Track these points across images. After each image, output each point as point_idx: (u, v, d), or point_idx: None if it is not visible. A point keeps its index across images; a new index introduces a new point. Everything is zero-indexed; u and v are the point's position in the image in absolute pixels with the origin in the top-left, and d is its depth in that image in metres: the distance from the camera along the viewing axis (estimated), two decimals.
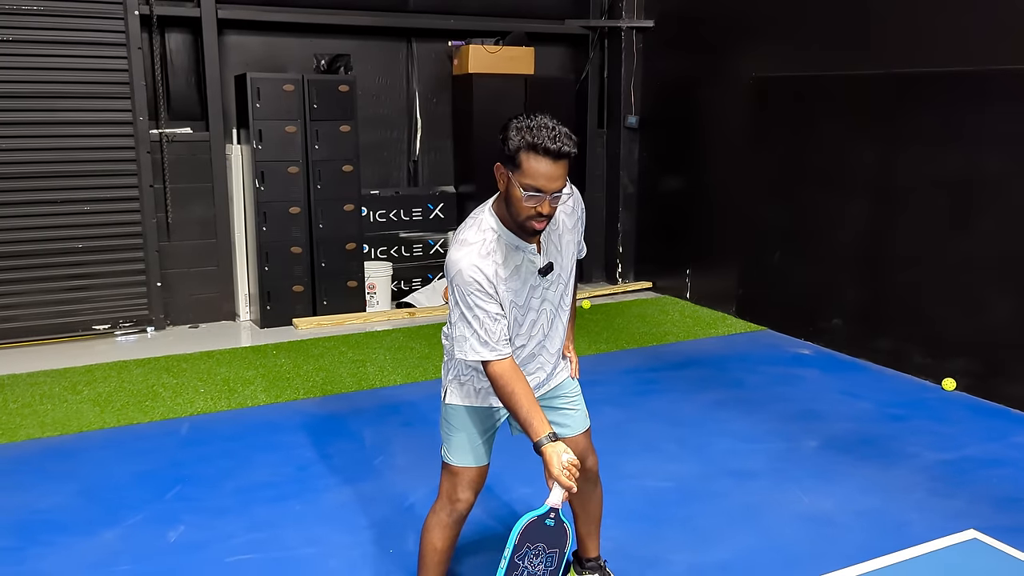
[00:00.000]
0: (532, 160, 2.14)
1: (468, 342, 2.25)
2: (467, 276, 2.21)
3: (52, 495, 3.57)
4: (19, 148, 5.54)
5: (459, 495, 2.48)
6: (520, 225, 2.23)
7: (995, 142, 4.60)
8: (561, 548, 2.24)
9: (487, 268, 2.22)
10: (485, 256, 2.23)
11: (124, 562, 3.05)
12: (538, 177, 2.14)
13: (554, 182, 2.15)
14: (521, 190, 2.16)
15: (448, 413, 2.49)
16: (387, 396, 4.81)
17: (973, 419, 4.46)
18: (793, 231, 5.96)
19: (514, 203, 2.20)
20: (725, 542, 3.21)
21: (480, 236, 2.26)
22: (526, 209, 2.18)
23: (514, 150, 2.16)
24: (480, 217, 2.31)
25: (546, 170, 2.14)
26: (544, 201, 2.17)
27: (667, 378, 5.11)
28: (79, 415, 4.46)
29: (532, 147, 2.13)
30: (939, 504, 3.50)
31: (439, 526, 2.51)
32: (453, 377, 2.47)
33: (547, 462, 2.17)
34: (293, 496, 3.56)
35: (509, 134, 2.18)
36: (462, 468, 2.47)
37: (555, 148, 2.12)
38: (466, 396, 2.46)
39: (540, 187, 2.15)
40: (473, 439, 2.47)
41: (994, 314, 4.67)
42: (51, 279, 5.75)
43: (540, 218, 2.20)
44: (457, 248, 2.26)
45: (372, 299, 6.63)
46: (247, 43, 6.48)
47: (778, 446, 4.09)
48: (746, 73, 6.23)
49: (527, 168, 2.15)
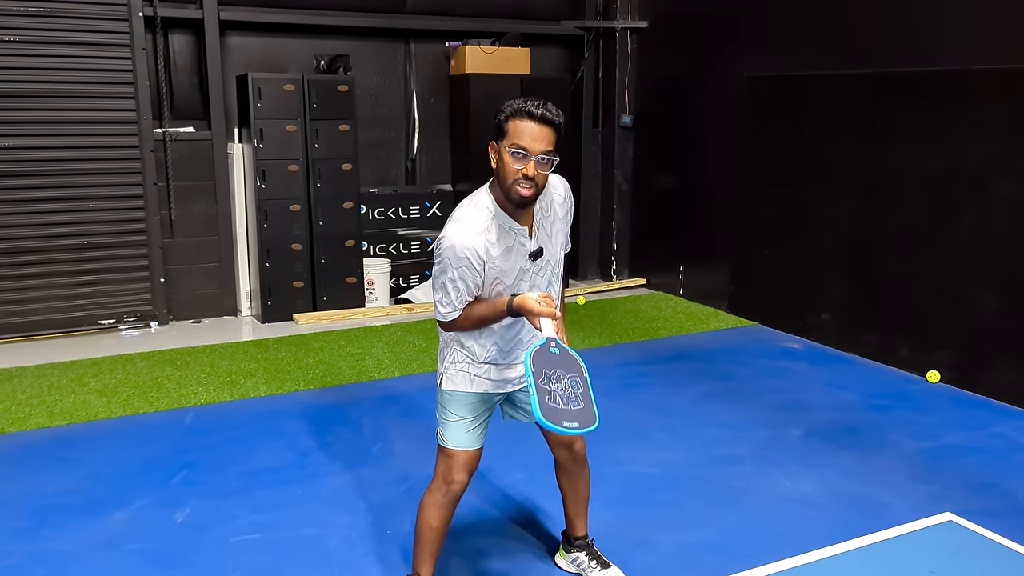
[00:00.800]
0: (518, 122, 2.32)
1: (444, 306, 2.42)
2: (459, 252, 2.34)
3: (62, 480, 3.70)
4: (26, 147, 5.67)
5: (454, 476, 2.59)
6: (507, 192, 2.35)
7: (978, 139, 4.74)
8: (580, 372, 2.31)
9: (479, 245, 2.36)
10: (478, 234, 2.36)
11: (133, 542, 3.18)
12: (523, 136, 2.30)
13: (538, 143, 2.30)
14: (508, 152, 2.31)
15: (444, 399, 2.60)
16: (385, 387, 4.94)
17: (955, 410, 4.59)
18: (784, 228, 6.09)
19: (503, 170, 2.35)
20: (709, 523, 3.34)
21: (475, 214, 2.40)
22: (513, 172, 2.32)
23: (503, 119, 2.35)
24: (477, 198, 2.45)
25: (530, 131, 2.30)
26: (529, 162, 2.31)
27: (658, 371, 5.24)
28: (86, 405, 4.59)
29: (517, 112, 2.33)
30: (917, 489, 3.63)
31: (434, 505, 2.63)
32: (449, 364, 2.58)
33: (526, 307, 2.32)
34: (294, 480, 3.69)
35: (500, 110, 2.38)
36: (457, 451, 2.58)
37: (539, 113, 2.30)
38: (461, 383, 2.57)
39: (525, 146, 2.30)
40: (468, 423, 2.58)
41: (978, 308, 4.80)
42: (57, 275, 5.88)
43: (527, 182, 2.32)
44: (452, 224, 2.39)
45: (371, 295, 6.75)
46: (248, 44, 6.61)
47: (763, 434, 4.22)
48: (738, 73, 6.36)
49: (513, 130, 2.32)
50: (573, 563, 2.96)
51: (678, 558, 3.08)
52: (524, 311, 2.34)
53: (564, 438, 2.77)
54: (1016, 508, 3.46)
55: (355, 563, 3.04)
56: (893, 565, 3.05)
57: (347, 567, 3.01)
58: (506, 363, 2.59)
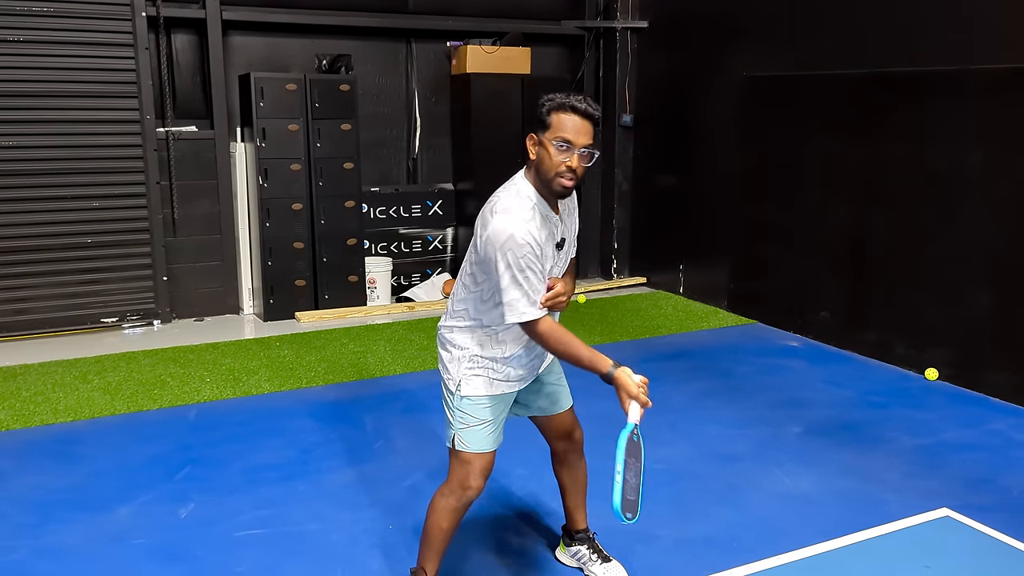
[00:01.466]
0: (562, 116, 2.36)
1: (519, 304, 2.34)
2: (520, 240, 2.32)
3: (67, 476, 3.74)
4: (30, 146, 5.71)
5: (471, 483, 2.56)
6: (549, 183, 2.38)
7: (976, 139, 4.76)
8: (641, 460, 2.38)
9: (533, 231, 2.36)
10: (529, 221, 2.37)
11: (138, 536, 3.21)
12: (567, 130, 2.34)
13: (581, 136, 2.35)
14: (552, 144, 2.34)
15: (465, 405, 2.53)
16: (387, 385, 4.97)
17: (952, 407, 4.62)
18: (783, 227, 6.12)
19: (545, 161, 2.37)
20: (709, 519, 3.37)
21: (519, 203, 2.40)
22: (557, 164, 2.35)
23: (546, 112, 2.38)
24: (515, 187, 2.45)
25: (574, 124, 2.35)
26: (574, 155, 2.35)
27: (659, 368, 5.27)
28: (90, 402, 4.63)
29: (562, 106, 2.36)
30: (914, 485, 3.66)
31: (447, 510, 2.59)
32: (468, 369, 2.53)
33: (623, 386, 2.34)
34: (297, 477, 3.72)
35: (540, 103, 2.40)
36: (476, 455, 2.54)
37: (583, 107, 2.36)
38: (482, 387, 2.53)
39: (569, 139, 2.34)
40: (490, 426, 2.56)
41: (975, 306, 4.83)
42: (61, 273, 5.91)
43: (569, 174, 2.36)
44: (502, 216, 2.37)
45: (372, 293, 6.79)
46: (251, 44, 6.64)
47: (763, 431, 4.26)
48: (737, 73, 6.39)
49: (557, 123, 2.35)
50: (574, 557, 2.99)
51: (678, 552, 3.12)
52: (620, 387, 2.35)
53: (564, 427, 2.80)
54: (1012, 504, 3.49)
55: (357, 558, 3.07)
56: (890, 560, 3.08)
57: (349, 562, 3.04)
58: (525, 364, 2.58)
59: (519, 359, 2.56)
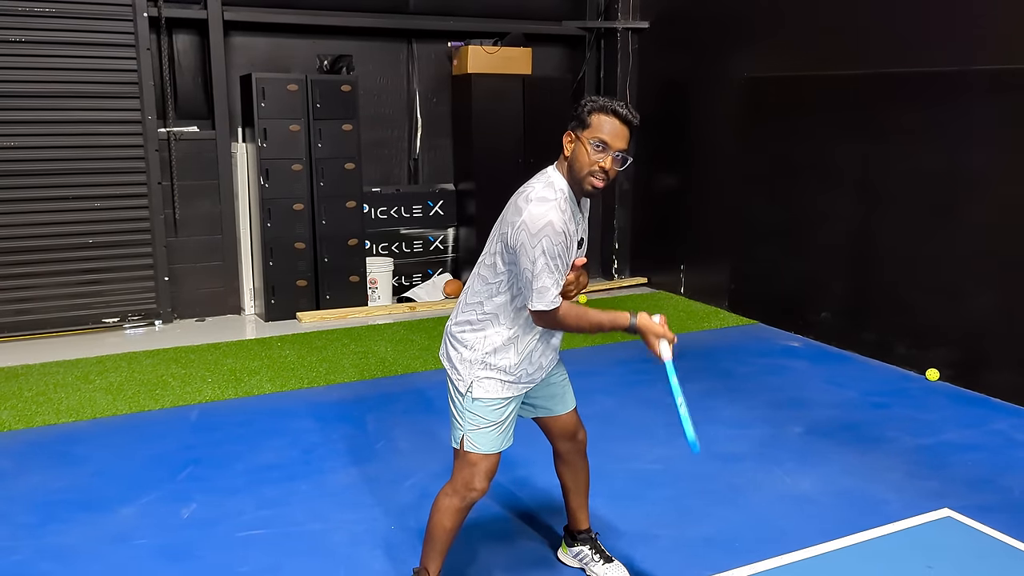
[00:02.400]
0: (603, 117, 2.41)
1: (550, 291, 2.38)
2: (558, 227, 2.36)
3: (69, 476, 3.74)
4: (31, 147, 5.71)
5: (476, 484, 2.56)
6: (580, 181, 2.43)
7: (976, 139, 4.77)
8: None
9: (565, 223, 2.40)
10: (563, 211, 2.41)
11: (140, 536, 3.22)
12: (606, 132, 2.39)
13: (618, 140, 2.40)
14: (589, 143, 2.38)
15: (477, 407, 2.53)
16: (388, 385, 4.97)
17: (953, 407, 4.62)
18: (784, 227, 6.12)
19: (579, 159, 2.41)
20: (710, 519, 3.37)
21: (555, 194, 2.43)
22: (591, 163, 2.40)
23: (587, 113, 2.43)
24: (548, 179, 2.48)
25: (613, 127, 2.40)
26: (608, 156, 2.39)
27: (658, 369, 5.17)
28: (92, 403, 4.63)
29: (603, 109, 2.42)
30: (915, 485, 3.66)
31: (451, 510, 2.59)
32: (481, 371, 2.52)
33: (648, 329, 2.44)
34: (300, 477, 3.73)
35: (583, 103, 2.46)
36: (483, 457, 2.54)
37: (623, 113, 2.41)
38: (494, 389, 2.53)
39: (607, 140, 2.39)
40: (501, 427, 2.56)
41: (976, 306, 4.83)
42: (62, 274, 5.92)
43: (601, 174, 2.40)
44: (538, 204, 2.39)
45: (374, 294, 6.79)
46: (252, 44, 6.65)
47: (764, 432, 4.26)
48: (739, 73, 6.39)
49: (596, 124, 2.40)
50: (576, 557, 3.00)
51: (679, 553, 3.12)
52: (646, 332, 2.43)
53: (567, 428, 2.81)
54: (1013, 504, 3.49)
55: (359, 558, 3.07)
56: (891, 560, 3.08)
57: (351, 562, 3.05)
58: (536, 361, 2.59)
59: (530, 357, 2.56)
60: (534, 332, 2.54)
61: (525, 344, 2.54)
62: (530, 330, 2.53)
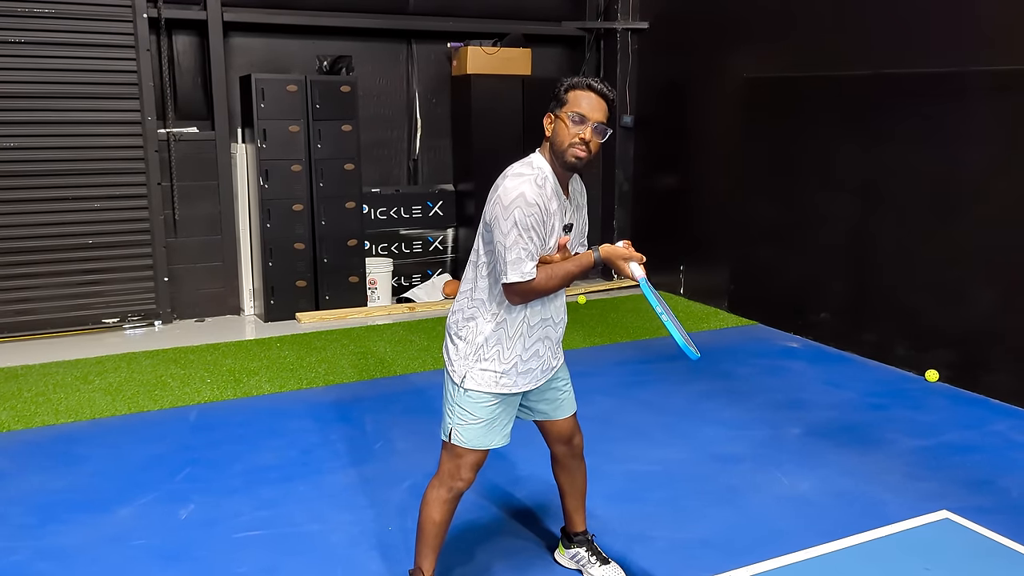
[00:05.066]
0: (578, 92, 2.48)
1: (522, 263, 2.41)
2: (530, 198, 2.40)
3: (68, 476, 3.74)
4: (31, 147, 5.72)
5: (461, 475, 2.59)
6: (563, 154, 2.47)
7: (977, 140, 4.76)
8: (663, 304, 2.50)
9: (542, 197, 2.44)
10: (540, 187, 2.45)
11: (138, 537, 3.22)
12: (582, 105, 2.46)
13: (596, 112, 2.46)
14: (568, 118, 2.45)
15: (467, 401, 2.55)
16: (387, 386, 4.97)
17: (952, 408, 4.62)
18: (783, 228, 6.12)
19: (559, 134, 2.47)
20: (708, 520, 3.37)
21: (533, 171, 2.48)
22: (571, 135, 2.45)
23: (564, 91, 2.50)
24: (530, 160, 2.54)
25: (589, 100, 2.47)
26: (587, 127, 2.44)
27: (658, 370, 5.28)
28: (91, 403, 4.64)
29: (578, 85, 2.49)
30: (914, 486, 3.66)
31: (438, 501, 2.63)
32: (475, 363, 2.54)
33: (614, 255, 2.51)
34: (298, 478, 3.73)
35: (560, 83, 2.53)
36: (467, 451, 2.57)
37: (598, 87, 2.49)
38: (486, 383, 2.54)
39: (584, 112, 2.45)
40: (489, 425, 2.57)
41: (975, 307, 4.83)
42: (62, 274, 5.92)
43: (582, 145, 2.44)
44: (513, 178, 2.45)
45: (373, 294, 6.79)
46: (252, 45, 6.65)
47: (762, 433, 4.26)
48: (738, 74, 6.39)
49: (574, 99, 2.47)
50: (573, 559, 3.00)
51: (676, 554, 3.12)
52: (612, 259, 2.50)
53: (564, 433, 2.81)
54: (1012, 505, 3.49)
55: (357, 559, 3.08)
56: (890, 562, 3.08)
57: (349, 563, 3.05)
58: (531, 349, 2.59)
59: (523, 343, 2.56)
60: (521, 316, 2.54)
61: (515, 329, 2.53)
62: (514, 312, 2.53)
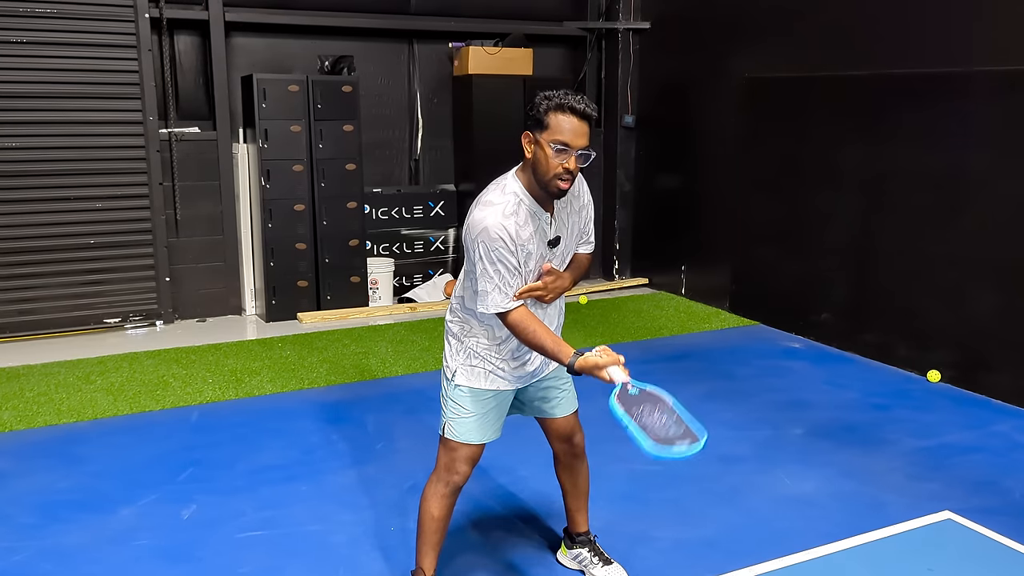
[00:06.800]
0: (560, 118, 2.34)
1: (489, 296, 2.38)
2: (493, 233, 2.35)
3: (70, 476, 3.74)
4: (33, 147, 5.72)
5: (457, 469, 2.62)
6: (546, 184, 2.39)
7: (978, 140, 4.76)
8: (665, 404, 2.35)
9: (509, 227, 2.38)
10: (508, 216, 2.39)
11: (141, 537, 3.22)
12: (565, 132, 2.34)
13: (579, 138, 2.35)
14: (550, 147, 2.35)
15: (456, 394, 2.59)
16: (389, 386, 4.98)
17: (954, 408, 4.61)
18: (785, 228, 6.12)
19: (542, 163, 2.38)
20: (709, 520, 3.37)
21: (503, 198, 2.42)
22: (554, 166, 2.36)
23: (543, 112, 2.37)
24: (504, 183, 2.48)
25: (572, 126, 2.34)
26: (571, 157, 2.35)
27: (660, 370, 5.27)
28: (93, 403, 4.64)
29: (560, 107, 2.35)
30: (916, 487, 3.66)
31: (436, 496, 2.65)
32: (464, 360, 2.58)
33: (591, 366, 2.29)
34: (300, 478, 3.73)
35: (537, 102, 2.39)
36: (461, 444, 2.60)
37: (580, 108, 2.35)
38: (477, 378, 2.57)
39: (567, 142, 2.34)
40: (479, 419, 2.59)
41: (977, 307, 4.83)
42: (64, 274, 5.92)
43: (566, 175, 2.37)
44: (482, 208, 2.40)
45: (374, 294, 6.79)
46: (253, 45, 6.65)
47: (764, 433, 4.26)
48: (739, 74, 6.39)
49: (555, 125, 2.35)
50: (575, 559, 3.00)
51: (679, 554, 3.12)
52: (588, 369, 2.31)
53: (563, 431, 2.81)
54: (1014, 506, 3.49)
55: (359, 559, 3.08)
56: (892, 562, 3.08)
57: (351, 563, 3.05)
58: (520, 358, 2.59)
59: (513, 352, 2.57)
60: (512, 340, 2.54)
61: (506, 332, 2.52)
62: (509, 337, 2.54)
